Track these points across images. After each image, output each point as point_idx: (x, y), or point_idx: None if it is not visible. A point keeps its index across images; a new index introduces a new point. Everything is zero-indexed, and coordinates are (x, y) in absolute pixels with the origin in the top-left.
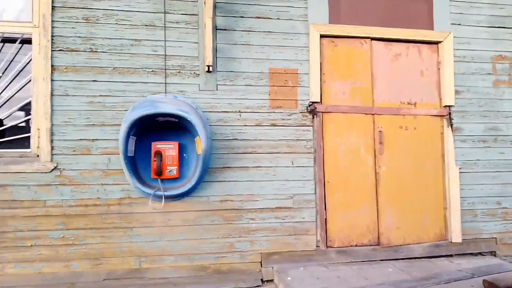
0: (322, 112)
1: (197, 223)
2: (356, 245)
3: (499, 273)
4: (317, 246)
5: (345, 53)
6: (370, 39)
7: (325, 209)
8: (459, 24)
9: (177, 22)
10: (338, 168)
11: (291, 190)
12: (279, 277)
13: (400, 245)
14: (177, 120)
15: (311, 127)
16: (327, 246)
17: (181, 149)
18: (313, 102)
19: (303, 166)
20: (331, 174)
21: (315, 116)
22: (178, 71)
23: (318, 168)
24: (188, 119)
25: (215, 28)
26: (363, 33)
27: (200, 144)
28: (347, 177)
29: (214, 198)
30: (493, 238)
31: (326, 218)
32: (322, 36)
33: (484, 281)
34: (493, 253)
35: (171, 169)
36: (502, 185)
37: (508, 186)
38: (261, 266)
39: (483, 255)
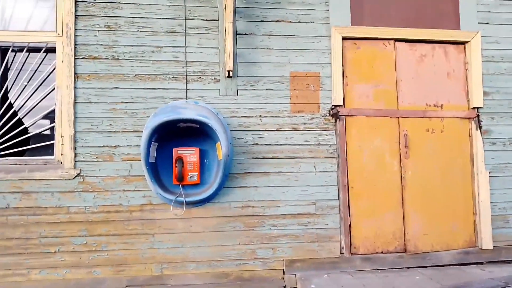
0: (345, 115)
1: (219, 230)
2: (381, 252)
3: None
4: (341, 253)
5: (368, 55)
6: (394, 40)
7: (349, 215)
8: (487, 23)
9: (197, 28)
10: (362, 173)
11: (313, 196)
12: (303, 284)
13: (427, 252)
14: (198, 125)
15: (334, 131)
16: (352, 253)
17: (202, 155)
18: (336, 106)
19: (326, 171)
20: (355, 179)
21: (337, 120)
22: (198, 77)
23: (341, 173)
24: (209, 124)
25: (236, 33)
26: (386, 34)
27: (221, 149)
28: (371, 182)
29: (235, 204)
30: None
31: (350, 225)
32: (344, 38)
33: None
34: None
35: (192, 175)
36: None
37: None
38: (284, 274)
39: None
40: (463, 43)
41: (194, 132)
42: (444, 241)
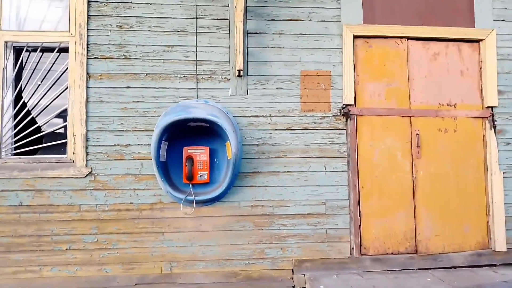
0: (356, 115)
1: (228, 229)
2: (392, 253)
3: None
4: (351, 254)
5: (380, 54)
6: (406, 39)
7: (360, 215)
8: (503, 20)
9: (208, 27)
10: (373, 173)
11: (323, 195)
12: (312, 285)
13: (439, 254)
14: (208, 125)
15: (345, 130)
16: (362, 254)
17: (212, 154)
18: (347, 105)
19: (336, 171)
20: (366, 179)
21: (348, 119)
22: (209, 76)
23: (352, 173)
24: (219, 123)
25: (246, 32)
26: (399, 32)
27: (231, 148)
28: (382, 183)
29: (244, 204)
30: None
31: (360, 225)
32: (355, 37)
33: None
34: None
35: (202, 174)
36: None
37: None
38: (293, 274)
39: None
40: (477, 41)
41: (204, 131)
42: (456, 243)
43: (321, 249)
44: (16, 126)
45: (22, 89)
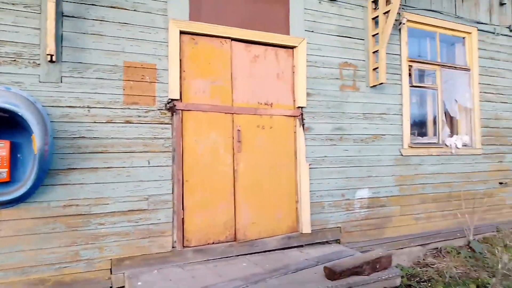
0: (181, 109)
1: (35, 232)
2: (213, 243)
3: (339, 259)
4: (173, 247)
5: (206, 52)
6: (230, 40)
7: (183, 208)
8: (312, 31)
9: (13, 4)
10: (198, 167)
11: (146, 191)
12: (130, 282)
13: (255, 240)
14: (7, 115)
15: (170, 125)
16: (184, 246)
17: (15, 149)
18: (172, 99)
19: (161, 166)
20: (190, 173)
21: (174, 113)
22: (13, 59)
23: (176, 167)
24: (19, 113)
25: (61, 14)
26: (223, 32)
27: (36, 142)
28: (206, 176)
29: (56, 204)
30: (337, 227)
31: (183, 218)
32: (182, 32)
33: (324, 267)
34: (337, 241)
35: (1, 172)
36: (345, 179)
37: (351, 179)
38: (111, 273)
39: (329, 243)
40: (291, 47)
41: (5, 123)
42: (270, 228)
43: (143, 245)
44: None
45: None
